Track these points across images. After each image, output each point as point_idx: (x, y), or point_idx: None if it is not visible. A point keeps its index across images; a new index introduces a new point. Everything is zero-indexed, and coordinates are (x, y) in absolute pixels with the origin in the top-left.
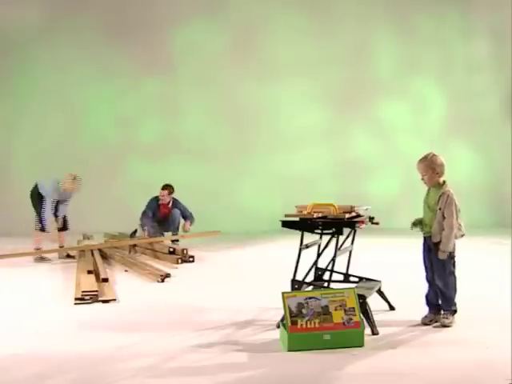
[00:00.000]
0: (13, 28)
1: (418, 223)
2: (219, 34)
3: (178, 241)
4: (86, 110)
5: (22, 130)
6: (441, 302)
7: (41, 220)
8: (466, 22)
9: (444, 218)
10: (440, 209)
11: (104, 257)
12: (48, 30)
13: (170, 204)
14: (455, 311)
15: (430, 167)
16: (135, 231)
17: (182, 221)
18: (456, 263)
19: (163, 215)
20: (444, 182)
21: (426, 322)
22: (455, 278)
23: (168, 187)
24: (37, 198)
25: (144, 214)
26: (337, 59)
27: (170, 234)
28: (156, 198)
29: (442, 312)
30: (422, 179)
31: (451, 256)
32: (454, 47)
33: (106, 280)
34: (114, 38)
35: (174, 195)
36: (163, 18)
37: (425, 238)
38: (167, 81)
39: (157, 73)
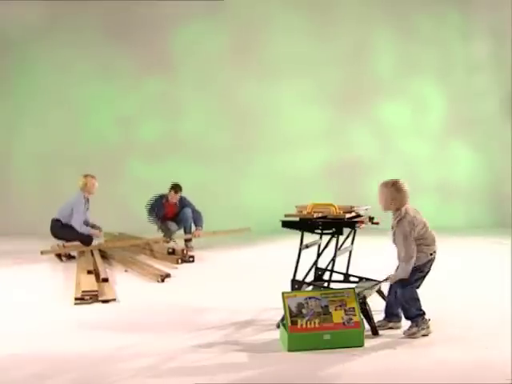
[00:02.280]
0: (13, 28)
1: None
2: (220, 34)
3: (191, 240)
4: (87, 109)
5: (22, 129)
6: (401, 311)
7: (80, 238)
8: (465, 22)
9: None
10: (393, 226)
11: (104, 257)
12: (48, 30)
13: (178, 202)
14: (417, 322)
15: (387, 195)
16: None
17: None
18: (423, 278)
19: (171, 214)
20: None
21: (379, 325)
22: (415, 290)
23: (178, 188)
24: (61, 228)
25: (151, 211)
26: (337, 59)
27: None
28: (161, 197)
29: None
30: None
31: (420, 270)
32: (454, 47)
33: (106, 280)
34: (114, 37)
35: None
36: (164, 17)
37: None
38: (168, 81)
39: (157, 73)
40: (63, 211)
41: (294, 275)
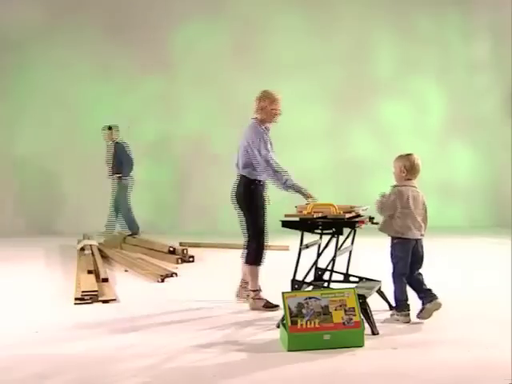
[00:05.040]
0: (12, 27)
1: None
2: (219, 33)
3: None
4: (86, 109)
5: (21, 129)
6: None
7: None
8: (466, 22)
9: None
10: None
11: (104, 257)
12: (48, 30)
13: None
14: (398, 308)
15: (398, 166)
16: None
17: None
18: (407, 269)
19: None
20: (408, 180)
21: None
22: (398, 278)
23: (107, 128)
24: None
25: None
26: (337, 59)
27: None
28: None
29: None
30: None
31: (394, 254)
32: (454, 47)
33: (106, 280)
34: (113, 37)
35: None
36: (163, 17)
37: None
38: (168, 80)
39: (157, 72)
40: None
41: (294, 275)
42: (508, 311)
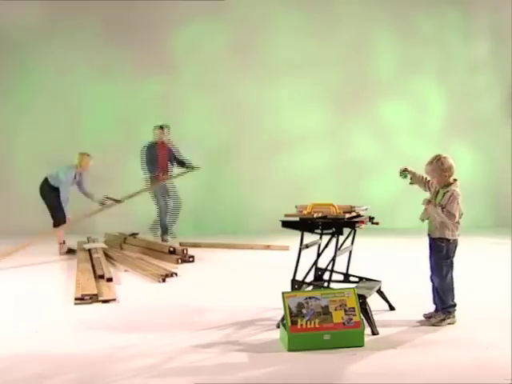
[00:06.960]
0: (14, 28)
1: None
2: (220, 34)
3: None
4: (87, 110)
5: (22, 130)
6: (436, 301)
7: (56, 214)
8: (466, 22)
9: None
10: (442, 206)
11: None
12: (49, 31)
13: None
14: (449, 312)
15: (437, 172)
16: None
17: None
18: (453, 264)
19: (163, 163)
20: (454, 180)
21: (426, 316)
22: (452, 279)
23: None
24: (48, 192)
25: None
26: (337, 59)
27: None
28: (151, 145)
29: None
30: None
31: (447, 256)
32: (454, 47)
33: (110, 280)
34: (114, 38)
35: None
36: (164, 18)
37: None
38: (168, 81)
39: (158, 73)
40: (53, 174)
41: (294, 275)
42: (508, 311)
